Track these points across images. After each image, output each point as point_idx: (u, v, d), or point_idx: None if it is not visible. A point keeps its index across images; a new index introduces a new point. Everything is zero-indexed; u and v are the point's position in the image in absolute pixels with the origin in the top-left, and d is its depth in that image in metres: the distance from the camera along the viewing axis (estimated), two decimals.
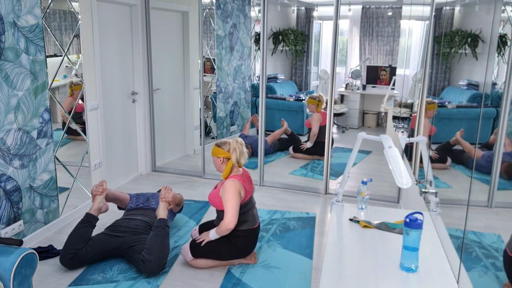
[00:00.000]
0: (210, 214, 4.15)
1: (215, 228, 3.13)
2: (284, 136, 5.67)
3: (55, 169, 3.74)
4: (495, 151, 1.50)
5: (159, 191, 4.16)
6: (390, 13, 6.23)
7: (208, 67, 5.50)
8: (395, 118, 4.48)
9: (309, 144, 5.38)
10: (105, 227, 3.49)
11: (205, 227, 3.37)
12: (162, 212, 3.34)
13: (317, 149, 5.19)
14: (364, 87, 6.21)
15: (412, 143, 3.29)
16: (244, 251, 3.21)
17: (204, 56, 5.23)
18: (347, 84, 6.28)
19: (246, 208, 3.14)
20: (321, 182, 4.82)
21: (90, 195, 4.24)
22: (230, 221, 3.02)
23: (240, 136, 5.75)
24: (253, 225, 3.18)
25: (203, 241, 3.15)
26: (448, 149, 2.16)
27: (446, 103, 2.26)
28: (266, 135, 4.90)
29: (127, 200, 3.74)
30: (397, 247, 2.04)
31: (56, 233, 3.73)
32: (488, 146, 1.59)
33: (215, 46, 5.40)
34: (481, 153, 1.63)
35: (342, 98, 6.24)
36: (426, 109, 2.82)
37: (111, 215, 4.07)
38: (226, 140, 3.17)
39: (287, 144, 5.64)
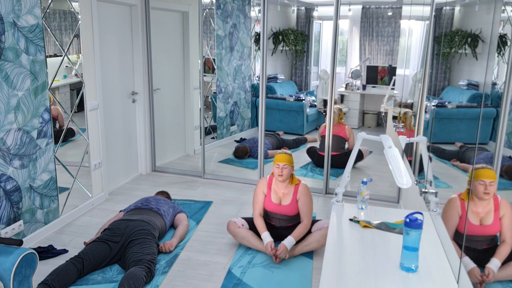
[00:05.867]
0: (210, 214, 4.16)
1: (291, 236, 3.28)
2: (288, 138, 5.69)
3: (55, 169, 3.74)
4: (495, 152, 1.50)
5: (157, 193, 4.14)
6: (390, 13, 6.22)
7: (208, 67, 5.50)
8: (395, 118, 4.48)
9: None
10: (105, 227, 3.48)
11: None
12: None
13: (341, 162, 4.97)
14: (364, 87, 6.21)
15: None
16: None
17: (204, 56, 5.23)
18: (347, 84, 6.28)
19: None
20: (321, 182, 4.82)
21: (90, 195, 4.24)
22: (308, 223, 3.33)
23: (240, 140, 5.76)
24: None
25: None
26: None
27: (446, 103, 2.26)
28: (266, 135, 4.90)
29: (120, 217, 3.62)
30: (397, 247, 2.04)
31: (56, 233, 3.73)
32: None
33: (215, 46, 5.40)
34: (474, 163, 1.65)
35: (342, 98, 6.24)
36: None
37: (111, 214, 4.07)
38: (281, 151, 3.42)
39: (292, 145, 5.69)
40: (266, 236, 3.32)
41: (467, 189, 1.55)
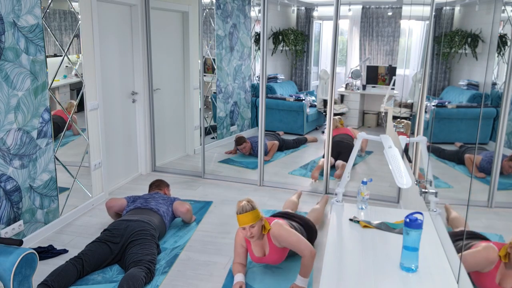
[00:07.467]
0: (210, 214, 4.16)
1: (300, 276, 2.90)
2: (288, 138, 5.70)
3: (55, 169, 3.74)
4: (495, 152, 1.50)
5: (152, 186, 4.12)
6: (390, 13, 6.22)
7: (208, 67, 5.50)
8: (395, 118, 4.48)
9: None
10: (104, 227, 3.48)
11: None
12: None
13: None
14: (364, 87, 6.20)
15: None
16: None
17: (204, 56, 5.23)
18: (347, 84, 6.28)
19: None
20: (321, 182, 4.82)
21: (90, 195, 4.24)
22: (310, 250, 2.88)
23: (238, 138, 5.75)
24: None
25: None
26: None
27: (446, 103, 2.26)
28: (266, 135, 4.90)
29: (124, 206, 3.77)
30: (397, 247, 2.04)
31: (56, 233, 3.73)
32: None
33: (215, 46, 5.40)
34: (479, 158, 1.63)
35: (342, 98, 6.24)
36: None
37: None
38: (243, 204, 2.85)
39: (292, 145, 5.71)
40: (238, 277, 2.98)
41: (508, 252, 1.47)
